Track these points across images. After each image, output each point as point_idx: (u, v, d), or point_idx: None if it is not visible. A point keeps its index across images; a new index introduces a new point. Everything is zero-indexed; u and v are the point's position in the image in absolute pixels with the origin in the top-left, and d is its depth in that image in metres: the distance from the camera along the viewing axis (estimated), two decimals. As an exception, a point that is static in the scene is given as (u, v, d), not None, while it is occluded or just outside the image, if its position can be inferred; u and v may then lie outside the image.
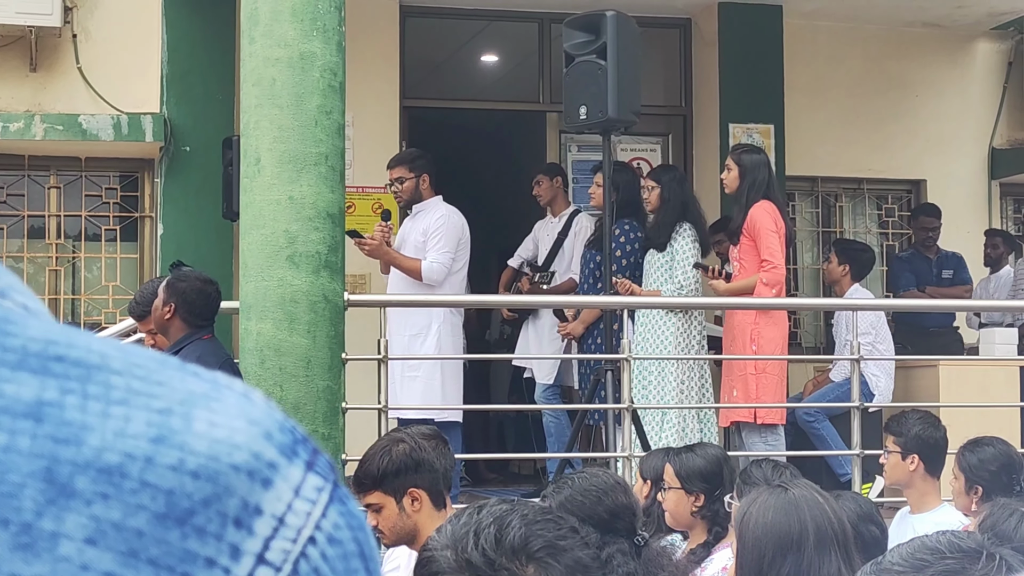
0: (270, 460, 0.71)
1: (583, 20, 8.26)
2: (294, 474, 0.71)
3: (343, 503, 0.73)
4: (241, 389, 0.74)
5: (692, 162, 11.50)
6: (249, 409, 0.72)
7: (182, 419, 0.70)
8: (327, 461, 0.74)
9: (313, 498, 0.72)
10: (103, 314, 10.56)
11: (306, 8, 6.59)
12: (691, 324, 8.65)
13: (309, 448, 0.73)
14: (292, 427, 0.74)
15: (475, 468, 10.99)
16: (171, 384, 0.72)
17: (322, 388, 6.57)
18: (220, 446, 0.70)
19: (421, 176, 8.73)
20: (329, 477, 0.73)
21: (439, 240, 8.54)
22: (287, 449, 0.72)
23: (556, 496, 4.00)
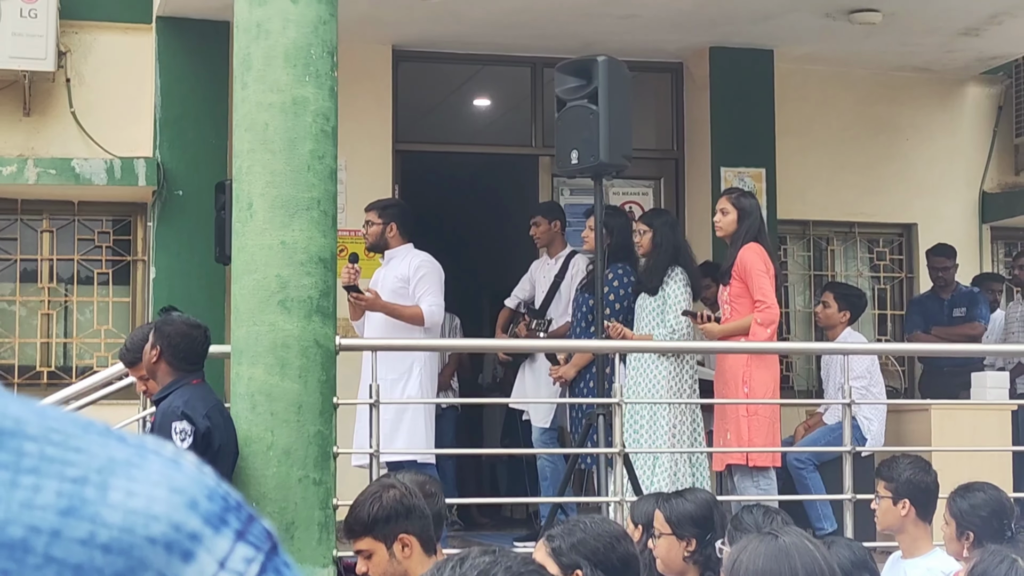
0: (192, 531, 0.67)
1: (575, 65, 8.29)
2: (220, 545, 0.67)
3: (277, 573, 0.69)
4: (170, 454, 0.69)
5: (684, 206, 11.52)
6: (174, 476, 0.68)
7: (97, 488, 0.66)
8: (264, 529, 0.70)
9: (241, 570, 0.68)
10: (95, 358, 10.55)
11: (299, 53, 6.62)
12: (683, 368, 8.65)
13: (243, 515, 0.69)
14: (224, 494, 0.69)
15: (467, 512, 10.96)
16: (90, 450, 0.67)
17: (313, 433, 6.56)
18: (136, 517, 0.66)
19: (389, 224, 8.89)
20: (263, 546, 0.69)
21: (428, 284, 8.67)
22: (214, 518, 0.68)
23: (567, 539, 4.00)
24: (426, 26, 10.55)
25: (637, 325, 8.77)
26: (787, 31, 10.77)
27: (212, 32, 10.28)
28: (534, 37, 10.82)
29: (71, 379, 10.06)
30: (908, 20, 10.38)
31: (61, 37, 10.23)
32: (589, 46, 10.02)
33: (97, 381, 8.06)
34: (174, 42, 10.36)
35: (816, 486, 9.02)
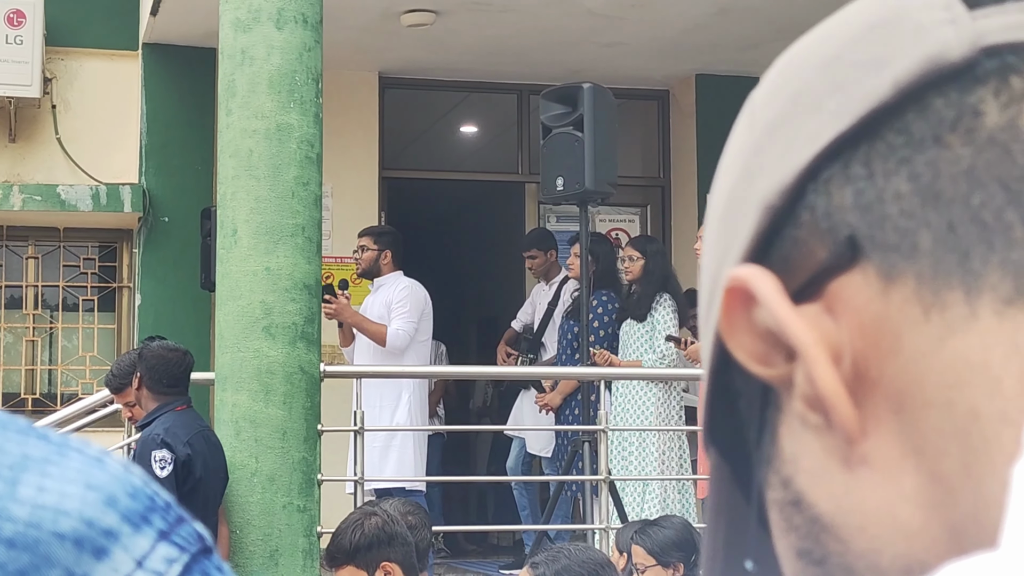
0: (107, 528, 0.65)
1: (560, 92, 8.30)
2: (139, 543, 0.65)
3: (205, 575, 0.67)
4: (94, 453, 0.68)
5: (670, 233, 11.54)
6: (93, 473, 0.66)
7: (6, 484, 0.64)
8: (194, 531, 0.68)
9: (161, 569, 0.66)
10: (80, 385, 10.53)
11: (283, 80, 6.62)
12: (671, 394, 8.65)
13: (171, 516, 0.68)
14: (150, 494, 0.68)
15: (454, 539, 10.93)
16: (3, 447, 0.66)
17: (298, 460, 6.54)
18: (44, 512, 0.64)
19: (384, 251, 8.88)
20: (190, 548, 0.67)
21: (403, 309, 8.64)
22: (135, 516, 0.66)
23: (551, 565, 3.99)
24: (412, 53, 10.57)
25: (623, 351, 8.76)
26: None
27: (197, 59, 10.29)
28: (520, 64, 10.84)
29: (56, 406, 10.03)
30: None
31: (47, 63, 10.23)
32: (575, 74, 10.04)
33: (82, 408, 8.03)
34: (160, 69, 10.37)
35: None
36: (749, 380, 0.64)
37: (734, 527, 0.68)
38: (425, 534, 5.14)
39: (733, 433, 0.67)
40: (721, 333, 0.63)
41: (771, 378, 0.62)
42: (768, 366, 0.62)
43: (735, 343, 0.62)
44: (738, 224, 0.64)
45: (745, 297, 0.61)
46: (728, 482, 0.69)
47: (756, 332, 0.61)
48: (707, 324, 0.66)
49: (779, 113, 0.64)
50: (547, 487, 9.65)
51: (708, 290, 0.66)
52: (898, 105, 0.60)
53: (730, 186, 0.65)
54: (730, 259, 0.64)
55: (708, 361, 0.66)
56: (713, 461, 0.70)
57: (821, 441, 0.60)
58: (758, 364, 0.62)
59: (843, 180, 0.60)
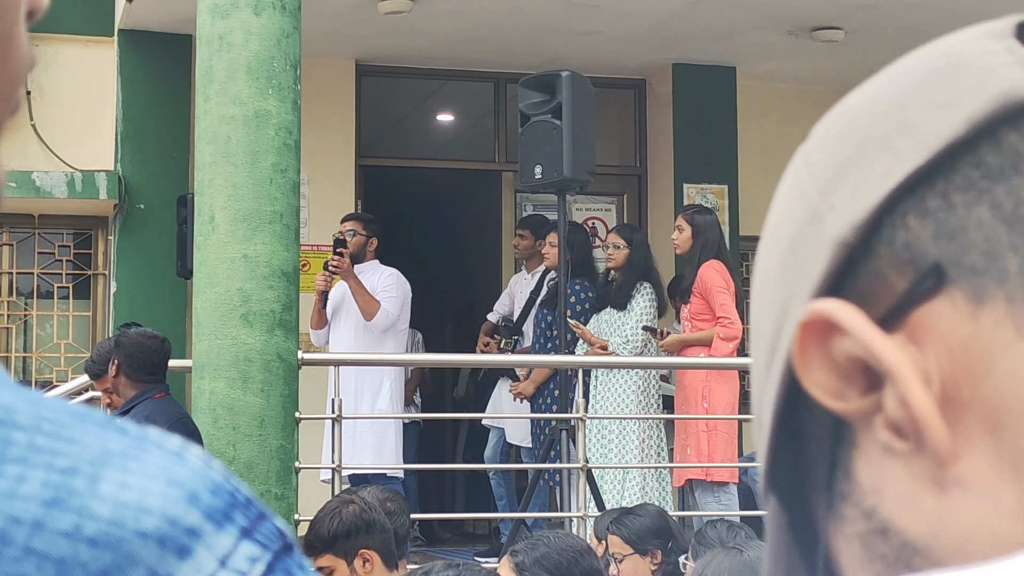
0: (190, 526, 0.64)
1: (538, 80, 8.30)
2: (222, 542, 0.65)
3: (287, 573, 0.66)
4: (174, 447, 0.67)
5: (647, 222, 11.55)
6: (174, 469, 0.66)
7: (87, 480, 0.63)
8: (275, 528, 0.67)
9: (244, 569, 0.65)
10: (55, 372, 10.49)
11: (261, 66, 6.60)
12: (650, 382, 8.68)
13: (252, 513, 0.67)
14: (232, 489, 0.67)
15: (430, 527, 10.93)
16: (83, 441, 0.65)
17: (275, 447, 6.53)
18: (126, 510, 0.63)
19: (371, 239, 8.92)
20: (272, 546, 0.66)
21: (390, 294, 8.68)
22: (217, 514, 0.65)
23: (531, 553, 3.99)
24: (389, 41, 10.55)
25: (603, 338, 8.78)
26: (750, 48, 10.81)
27: (174, 45, 10.25)
28: (497, 53, 10.83)
29: (30, 393, 9.98)
30: (870, 38, 10.43)
31: (22, 49, 10.16)
32: (552, 62, 10.03)
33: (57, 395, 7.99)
34: (136, 55, 10.33)
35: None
36: (820, 418, 0.66)
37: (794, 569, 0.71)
38: (404, 520, 5.13)
39: (795, 479, 0.69)
40: (796, 369, 0.65)
41: (847, 412, 0.64)
42: (844, 400, 0.64)
43: (810, 379, 0.64)
44: (806, 264, 0.66)
45: (824, 330, 0.64)
46: (786, 530, 0.71)
47: (833, 366, 0.64)
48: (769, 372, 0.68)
49: (846, 156, 0.66)
50: (524, 477, 9.66)
51: (770, 339, 0.68)
52: (972, 140, 0.63)
53: (792, 231, 0.68)
54: (799, 299, 0.66)
55: (772, 406, 0.68)
56: (772, 509, 0.72)
57: (909, 467, 0.63)
58: (834, 399, 0.64)
59: (921, 213, 0.63)
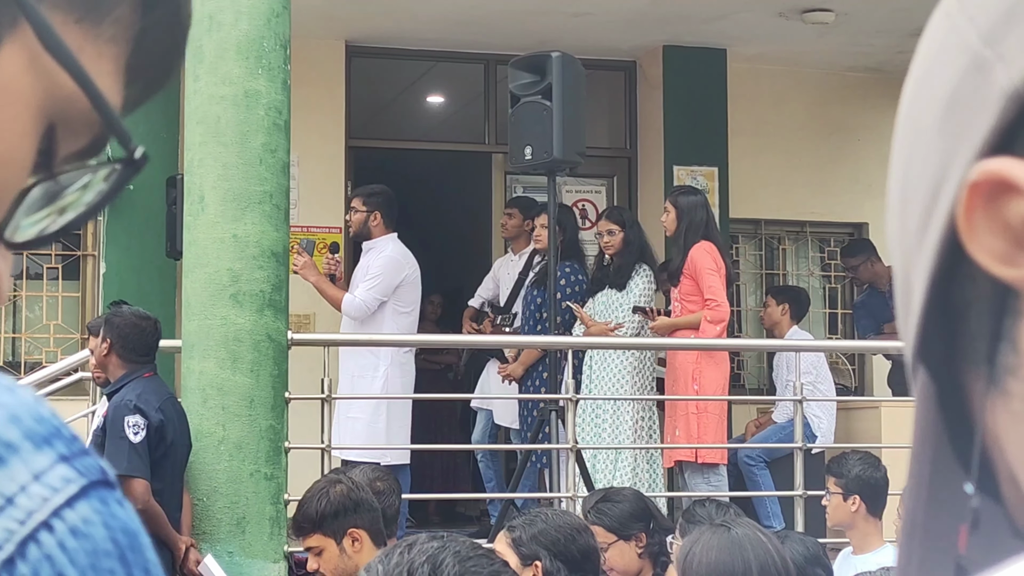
0: (7, 440, 0.68)
1: (529, 61, 8.28)
2: (39, 460, 0.68)
3: (106, 504, 0.69)
4: (7, 383, 0.70)
5: (637, 204, 11.54)
6: (3, 396, 0.69)
7: None
8: (97, 465, 0.70)
9: (57, 486, 0.68)
10: (44, 353, 10.47)
11: (251, 46, 6.58)
12: (645, 364, 8.69)
13: (75, 448, 0.70)
14: (58, 425, 0.70)
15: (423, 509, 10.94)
16: None
17: (265, 427, 6.53)
18: None
19: (373, 212, 8.68)
20: (89, 475, 0.69)
21: (373, 280, 8.49)
22: (37, 437, 0.68)
23: (528, 529, 3.99)
24: (379, 22, 10.53)
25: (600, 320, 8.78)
26: (740, 30, 10.81)
27: (164, 26, 10.21)
28: (487, 34, 10.82)
29: (20, 374, 9.97)
30: (860, 20, 10.43)
31: (11, 29, 10.14)
32: (542, 44, 10.00)
33: (46, 376, 7.99)
34: (125, 35, 10.29)
35: (766, 484, 9.06)
36: (984, 287, 0.62)
37: (941, 452, 0.67)
38: (394, 500, 5.14)
39: (949, 351, 0.65)
40: (960, 234, 0.61)
41: (1018, 280, 0.60)
42: (1015, 266, 0.60)
43: (977, 244, 0.61)
44: (970, 120, 0.62)
45: (995, 190, 0.60)
46: (935, 405, 0.67)
47: (1005, 230, 0.60)
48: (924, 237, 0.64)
49: (1016, 2, 0.61)
50: (513, 459, 9.66)
51: (925, 201, 0.64)
52: None
53: (951, 84, 0.63)
54: (962, 157, 0.62)
55: (928, 273, 0.64)
56: (921, 383, 0.67)
57: None
58: (1004, 265, 0.61)
59: None
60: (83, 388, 8.30)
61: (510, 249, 10.09)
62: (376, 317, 8.49)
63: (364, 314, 8.44)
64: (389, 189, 8.92)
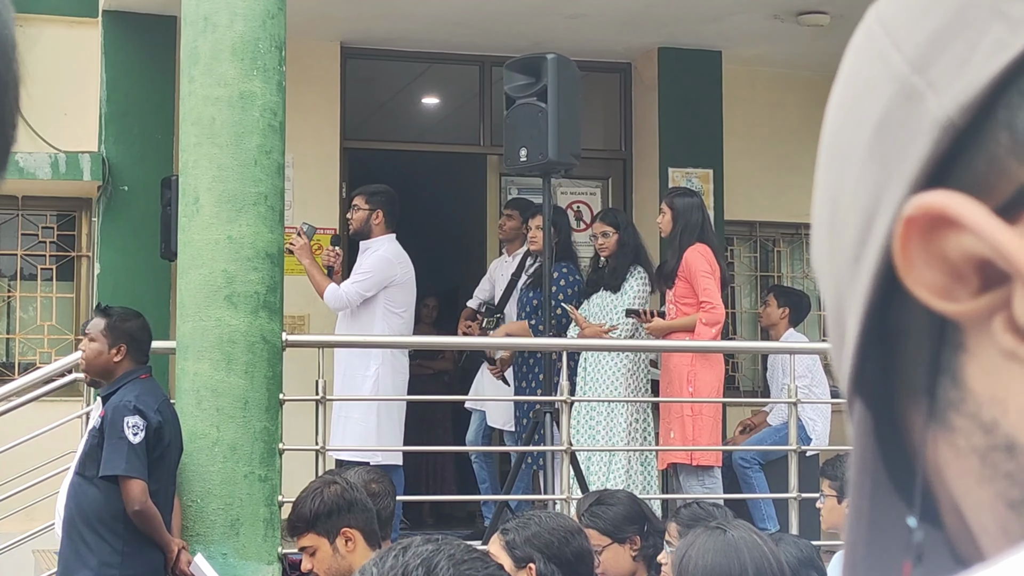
0: None
1: (524, 63, 8.28)
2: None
3: None
4: None
5: (632, 206, 11.54)
6: None
7: None
8: None
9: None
10: (38, 354, 10.46)
11: (246, 47, 6.58)
12: (639, 366, 8.69)
13: None
14: None
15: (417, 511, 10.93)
16: None
17: (259, 429, 6.53)
18: None
19: (375, 211, 8.67)
20: None
21: (361, 276, 8.49)
22: None
23: (522, 531, 3.99)
24: (374, 23, 10.53)
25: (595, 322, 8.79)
26: (735, 32, 10.81)
27: (158, 26, 10.22)
28: (482, 36, 10.81)
29: (14, 375, 9.96)
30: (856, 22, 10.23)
31: (6, 30, 10.12)
32: (537, 45, 10.01)
33: (40, 377, 7.98)
34: (120, 36, 10.29)
35: (761, 486, 9.05)
36: (920, 318, 0.60)
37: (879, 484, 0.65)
38: (389, 501, 5.14)
39: (886, 382, 0.63)
40: (896, 267, 0.58)
41: (957, 314, 0.58)
42: (954, 301, 0.58)
43: (913, 278, 0.58)
44: (902, 150, 0.59)
45: (933, 225, 0.57)
46: (872, 438, 0.65)
47: (942, 263, 0.57)
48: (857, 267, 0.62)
49: (942, 25, 0.59)
50: (507, 460, 9.66)
51: (857, 231, 0.61)
52: None
53: (880, 111, 0.61)
54: (894, 188, 0.59)
55: (863, 304, 0.61)
56: (857, 415, 0.65)
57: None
58: (942, 299, 0.58)
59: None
60: (77, 389, 8.29)
61: (504, 250, 10.09)
62: (368, 317, 8.48)
63: (345, 307, 8.44)
64: (391, 189, 8.92)
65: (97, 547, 6.05)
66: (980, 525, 0.60)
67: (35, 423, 8.29)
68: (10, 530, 8.51)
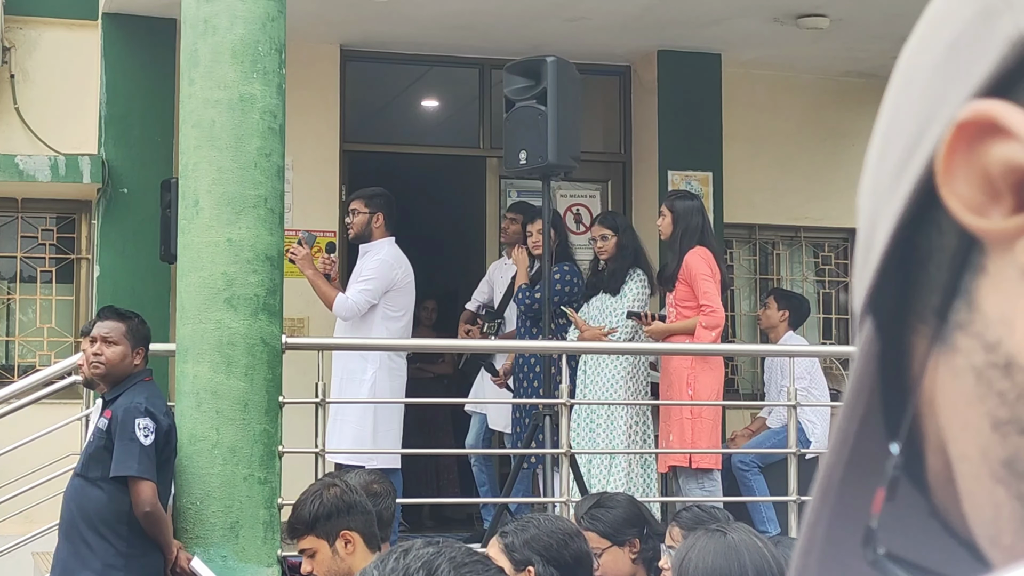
0: None
1: (524, 65, 8.28)
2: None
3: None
4: None
5: (631, 209, 11.54)
6: None
7: None
8: None
9: None
10: (38, 356, 10.46)
11: (246, 50, 6.58)
12: (639, 368, 8.70)
13: None
14: None
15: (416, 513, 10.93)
16: None
17: (259, 431, 6.53)
18: None
19: (375, 214, 8.66)
20: None
21: (365, 281, 8.47)
22: None
23: (520, 535, 3.99)
24: (374, 26, 10.53)
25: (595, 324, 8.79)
26: (735, 35, 10.81)
27: (158, 29, 10.22)
28: (482, 39, 10.82)
29: (13, 377, 9.97)
30: (855, 26, 10.44)
31: (5, 33, 10.14)
32: (537, 48, 10.01)
33: (39, 379, 7.98)
34: (120, 39, 10.29)
35: (760, 488, 9.06)
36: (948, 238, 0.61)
37: (873, 408, 0.65)
38: (390, 503, 5.14)
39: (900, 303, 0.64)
40: (936, 176, 0.59)
41: (985, 232, 0.59)
42: (985, 217, 0.58)
43: (951, 189, 0.59)
44: (968, 63, 0.60)
45: (981, 132, 0.58)
46: (875, 361, 0.65)
47: (982, 176, 0.58)
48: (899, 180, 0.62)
49: None
50: (507, 463, 9.66)
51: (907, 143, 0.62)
52: None
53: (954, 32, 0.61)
54: (953, 99, 0.60)
55: (895, 218, 0.62)
56: (866, 335, 0.65)
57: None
58: (974, 214, 0.59)
59: None
60: (76, 392, 8.28)
61: (504, 253, 10.09)
62: (366, 321, 8.48)
63: (355, 315, 8.42)
64: (388, 191, 8.92)
65: (100, 549, 6.04)
66: (960, 451, 0.61)
67: (34, 426, 8.30)
68: (9, 532, 8.52)
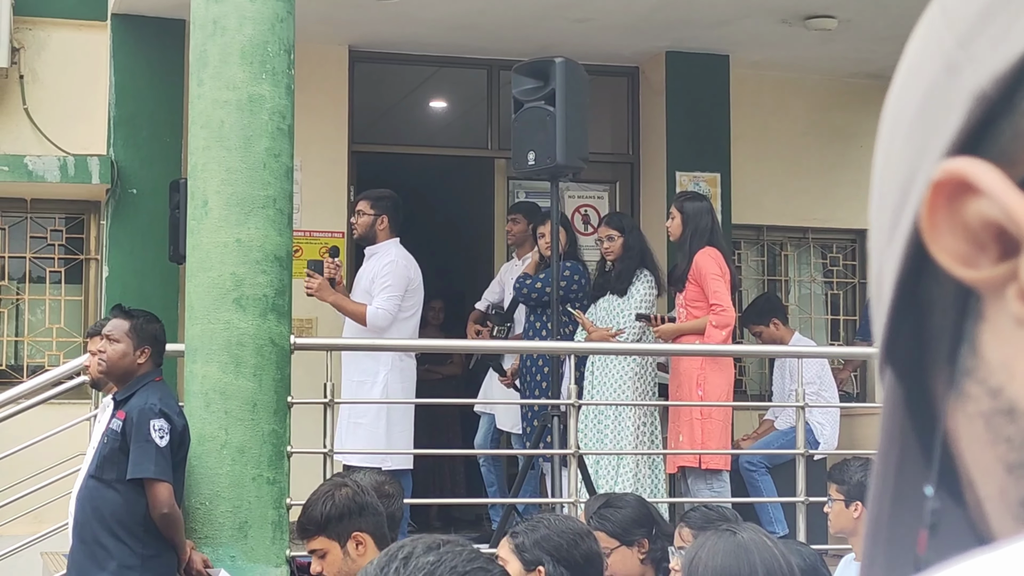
0: None
1: (532, 66, 8.29)
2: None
3: None
4: None
5: (639, 210, 11.55)
6: None
7: None
8: None
9: None
10: (46, 356, 10.47)
11: (255, 51, 6.59)
12: (646, 369, 8.70)
13: None
14: None
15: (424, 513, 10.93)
16: None
17: (268, 432, 6.53)
18: None
19: (380, 216, 8.65)
20: None
21: (386, 286, 8.45)
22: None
23: (531, 534, 4.00)
24: (382, 27, 10.54)
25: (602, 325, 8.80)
26: (743, 36, 10.81)
27: (167, 30, 10.23)
28: (490, 40, 10.82)
29: (22, 377, 9.98)
30: (863, 27, 10.43)
31: (15, 34, 10.15)
32: (545, 49, 10.02)
33: (48, 379, 7.99)
34: (129, 39, 10.31)
35: (768, 489, 9.05)
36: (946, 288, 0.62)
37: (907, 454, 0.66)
38: (399, 504, 5.14)
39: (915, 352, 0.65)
40: (923, 233, 0.60)
41: (977, 282, 0.60)
42: (974, 268, 0.60)
43: (939, 245, 0.60)
44: (940, 119, 0.62)
45: (957, 190, 0.59)
46: (902, 407, 0.66)
47: (964, 230, 0.60)
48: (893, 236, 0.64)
49: (989, 4, 0.61)
50: (515, 463, 9.66)
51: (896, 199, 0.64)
52: None
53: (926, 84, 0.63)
54: (931, 157, 0.62)
55: (895, 273, 0.64)
56: (888, 384, 0.67)
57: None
58: (963, 266, 0.60)
59: None
60: (85, 392, 8.30)
61: (514, 255, 10.10)
62: None
63: (389, 321, 8.39)
64: (395, 193, 8.93)
65: (116, 550, 6.03)
66: (985, 492, 0.62)
67: (43, 426, 8.30)
68: (18, 532, 8.53)
